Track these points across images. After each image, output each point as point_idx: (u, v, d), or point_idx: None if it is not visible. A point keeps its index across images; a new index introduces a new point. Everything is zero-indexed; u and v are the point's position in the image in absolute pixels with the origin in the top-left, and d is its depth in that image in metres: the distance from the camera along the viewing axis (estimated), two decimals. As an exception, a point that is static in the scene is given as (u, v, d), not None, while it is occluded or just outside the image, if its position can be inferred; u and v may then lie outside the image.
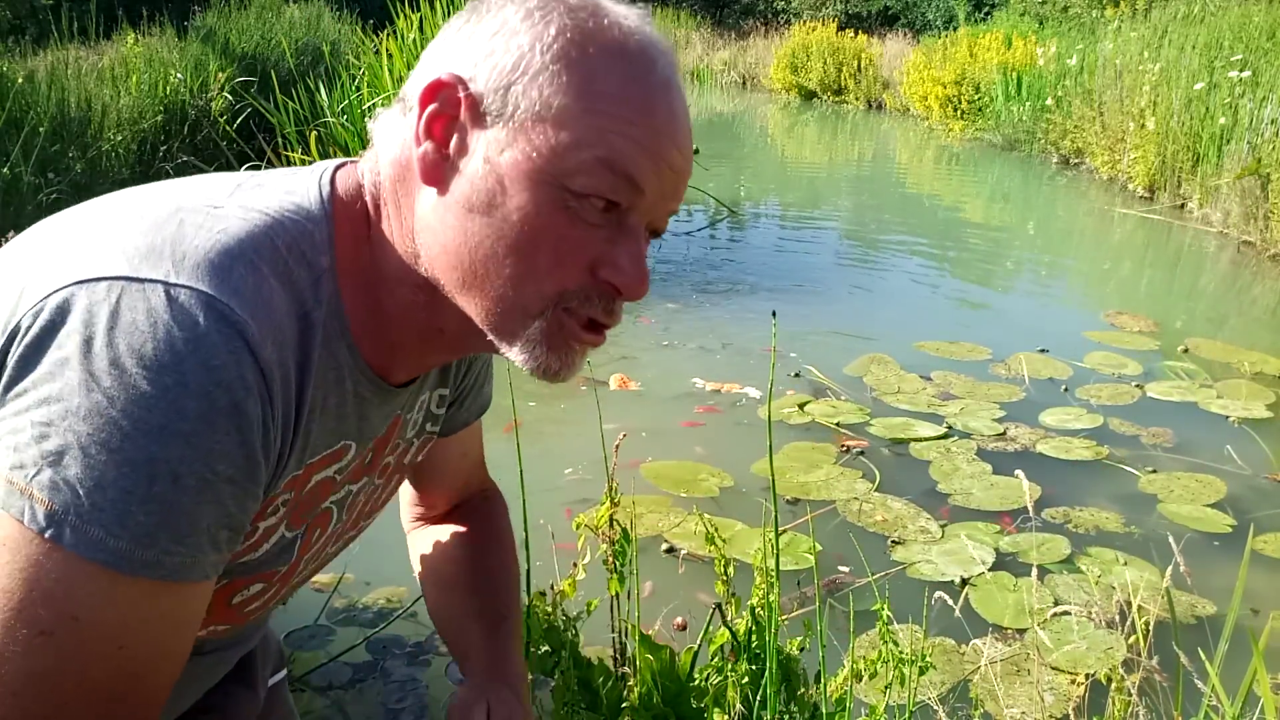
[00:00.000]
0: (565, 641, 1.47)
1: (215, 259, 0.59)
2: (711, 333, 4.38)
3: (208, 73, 6.13)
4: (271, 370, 0.59)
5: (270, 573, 0.73)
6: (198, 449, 0.55)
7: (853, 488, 2.96)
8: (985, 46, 11.29)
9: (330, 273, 0.66)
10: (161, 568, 0.56)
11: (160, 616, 0.58)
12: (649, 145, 0.64)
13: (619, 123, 0.63)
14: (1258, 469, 3.12)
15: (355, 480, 0.78)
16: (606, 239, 0.66)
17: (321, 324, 0.65)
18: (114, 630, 0.56)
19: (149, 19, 7.49)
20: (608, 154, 0.63)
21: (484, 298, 0.66)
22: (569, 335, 0.68)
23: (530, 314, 0.66)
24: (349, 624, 2.26)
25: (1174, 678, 1.37)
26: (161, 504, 0.55)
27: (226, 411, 0.56)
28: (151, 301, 0.56)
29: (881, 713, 1.38)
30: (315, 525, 0.76)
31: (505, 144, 0.64)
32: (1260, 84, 6.41)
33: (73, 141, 4.81)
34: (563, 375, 0.69)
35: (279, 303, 0.61)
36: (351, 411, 0.71)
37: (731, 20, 20.51)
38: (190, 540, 0.57)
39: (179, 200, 0.64)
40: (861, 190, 8.75)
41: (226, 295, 0.58)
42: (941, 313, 4.92)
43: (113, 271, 0.57)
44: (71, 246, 0.61)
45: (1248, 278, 5.58)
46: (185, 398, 0.55)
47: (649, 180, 0.65)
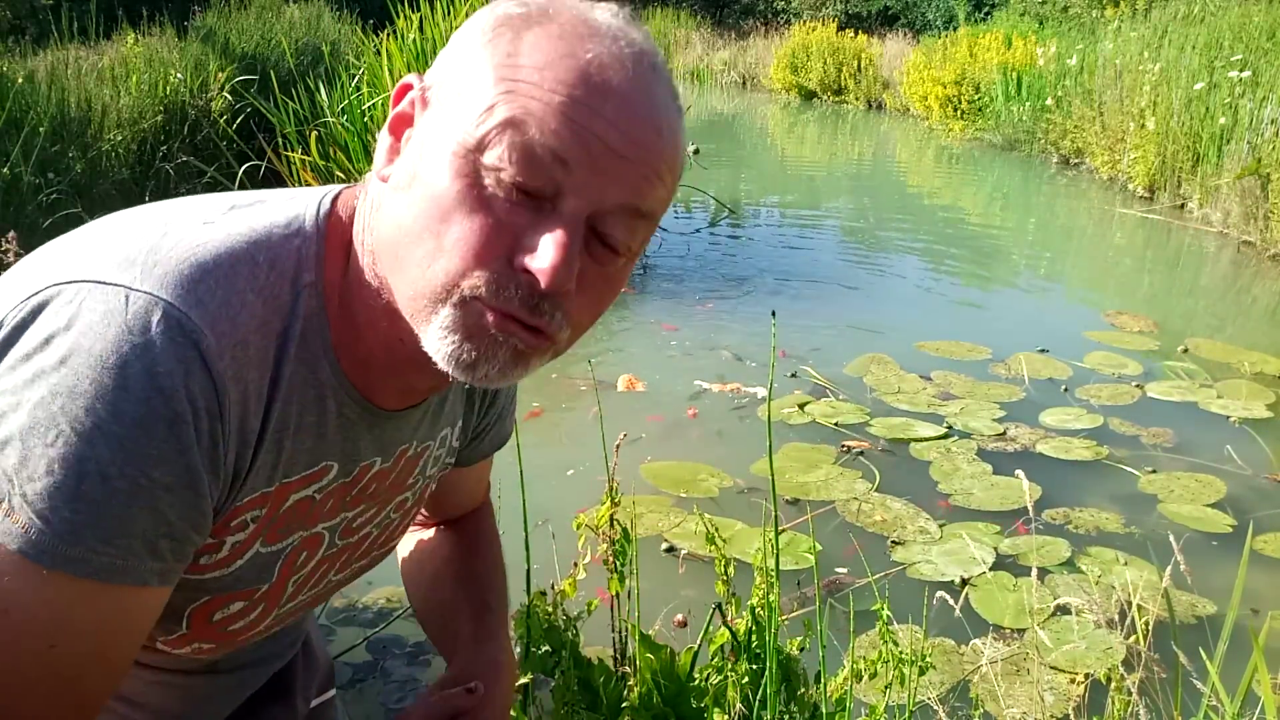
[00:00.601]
0: (565, 641, 1.47)
1: (185, 269, 0.59)
2: (712, 333, 4.38)
3: (208, 73, 6.13)
4: (224, 383, 0.59)
5: (249, 590, 0.72)
6: (130, 453, 0.55)
7: (852, 488, 2.96)
8: (985, 46, 11.29)
9: (314, 289, 0.65)
10: (87, 565, 0.56)
11: (92, 619, 0.58)
12: (570, 113, 0.58)
13: (534, 88, 0.58)
14: (1258, 469, 3.12)
15: (351, 507, 0.76)
16: (528, 225, 0.59)
17: (298, 341, 0.64)
18: (44, 627, 0.56)
19: (149, 19, 7.49)
20: (520, 117, 0.58)
21: (403, 281, 0.62)
22: (488, 324, 0.61)
23: (438, 297, 0.60)
24: (349, 624, 2.26)
25: (1174, 677, 1.37)
26: (89, 503, 0.55)
27: (166, 419, 0.56)
28: (110, 304, 0.56)
29: (881, 713, 1.38)
30: (302, 547, 0.74)
31: (431, 123, 0.62)
32: (1260, 84, 6.41)
33: (73, 141, 4.81)
34: (482, 370, 0.62)
35: (248, 317, 0.61)
36: (334, 432, 0.69)
37: (731, 20, 20.51)
38: (120, 543, 0.56)
39: (172, 215, 0.64)
40: (861, 190, 8.75)
41: (187, 305, 0.57)
42: (942, 313, 4.93)
43: (85, 276, 0.58)
44: (61, 256, 0.62)
45: (1248, 278, 5.58)
46: (124, 401, 0.55)
47: (571, 151, 0.58)
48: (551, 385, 3.65)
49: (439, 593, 0.99)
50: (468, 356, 0.61)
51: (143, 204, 0.70)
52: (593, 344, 4.26)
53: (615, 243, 0.62)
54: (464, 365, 0.62)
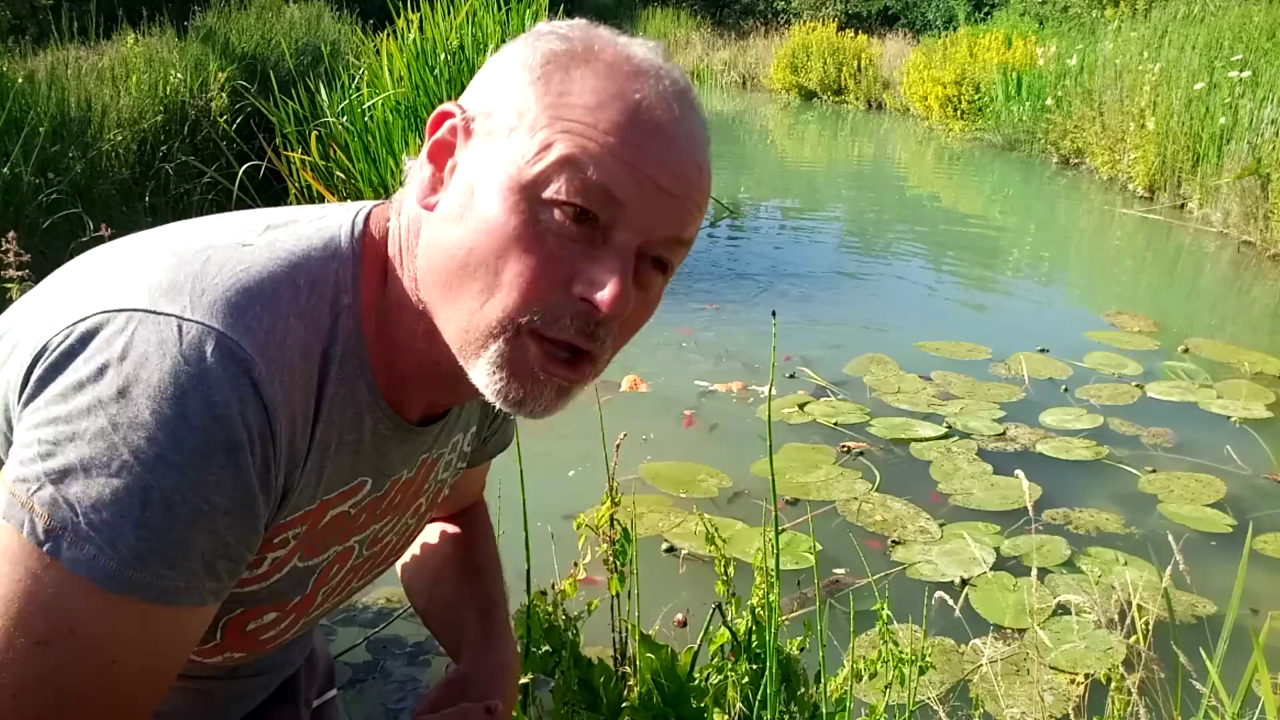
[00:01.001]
0: (565, 641, 1.47)
1: (232, 296, 0.60)
2: (713, 333, 4.38)
3: (208, 73, 6.13)
4: (276, 409, 0.60)
5: (283, 602, 0.74)
6: (192, 480, 0.57)
7: (852, 488, 2.96)
8: (985, 46, 11.29)
9: (352, 310, 0.66)
10: (151, 590, 0.58)
11: (152, 637, 0.60)
12: (624, 156, 0.61)
13: (590, 129, 0.62)
14: (1258, 469, 3.12)
15: (380, 519, 0.78)
16: (583, 254, 0.62)
17: (339, 362, 0.65)
18: (106, 645, 0.58)
19: (149, 19, 7.48)
20: (576, 156, 0.61)
21: (455, 313, 0.64)
22: (533, 363, 0.64)
23: (492, 332, 0.63)
24: (349, 624, 2.25)
25: (1174, 677, 1.37)
26: (153, 530, 0.57)
27: (224, 446, 0.58)
28: (164, 334, 0.58)
29: (881, 712, 1.38)
30: (336, 561, 0.76)
31: (482, 157, 0.64)
32: (1260, 84, 6.40)
33: (73, 141, 4.80)
34: (529, 407, 0.65)
35: (294, 341, 0.62)
36: (369, 449, 0.71)
37: (731, 20, 20.50)
38: (183, 566, 0.58)
39: (210, 237, 0.65)
40: (862, 191, 8.75)
41: (238, 333, 0.59)
42: (942, 313, 4.93)
43: (134, 304, 0.59)
44: (102, 278, 0.63)
45: (1248, 278, 5.58)
46: (184, 430, 0.56)
47: (626, 191, 0.61)
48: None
49: (441, 588, 1.00)
50: (515, 394, 0.65)
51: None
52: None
53: (661, 267, 0.67)
54: (512, 402, 0.65)
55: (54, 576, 0.56)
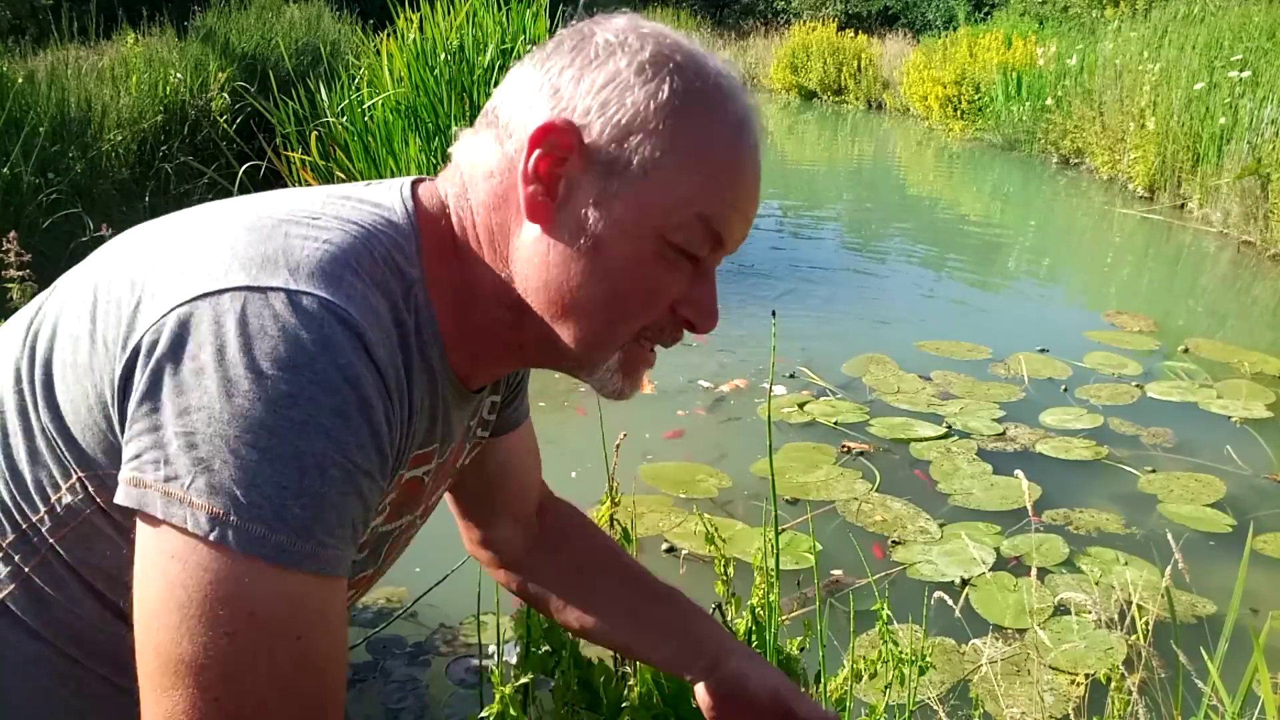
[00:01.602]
0: (565, 641, 1.47)
1: (327, 267, 0.62)
2: (712, 333, 4.37)
3: (208, 73, 6.13)
4: (387, 370, 0.62)
5: (362, 578, 0.77)
6: (338, 442, 0.58)
7: (852, 488, 2.96)
8: (985, 46, 11.29)
9: (420, 283, 0.68)
10: (318, 560, 0.58)
11: (324, 608, 0.60)
12: (740, 206, 0.72)
13: (720, 186, 0.70)
14: (1258, 469, 3.12)
15: (438, 488, 0.82)
16: (687, 280, 0.72)
17: (414, 331, 0.67)
18: (289, 621, 0.58)
19: (149, 19, 7.49)
20: (708, 213, 0.69)
21: (577, 328, 0.71)
22: (639, 362, 0.75)
23: (617, 345, 0.73)
24: (349, 624, 2.25)
25: (1174, 677, 1.37)
26: (313, 497, 0.57)
27: (358, 406, 0.59)
28: (276, 308, 0.58)
29: (881, 712, 1.38)
30: (405, 530, 0.80)
31: (615, 195, 0.68)
32: (1260, 84, 6.41)
33: (73, 141, 4.80)
34: (629, 395, 0.77)
35: (383, 310, 0.64)
36: (440, 415, 0.74)
37: (731, 20, 20.50)
38: (340, 532, 0.59)
39: (276, 213, 0.66)
40: (862, 190, 8.75)
41: (342, 300, 0.60)
42: (942, 312, 4.93)
43: (233, 283, 0.59)
44: (182, 261, 0.63)
45: (1248, 278, 5.58)
46: (321, 394, 0.57)
47: (732, 235, 0.72)
48: (556, 385, 3.65)
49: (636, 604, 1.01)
50: (627, 389, 0.76)
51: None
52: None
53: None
54: (616, 394, 0.76)
55: (226, 563, 0.56)
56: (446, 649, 2.17)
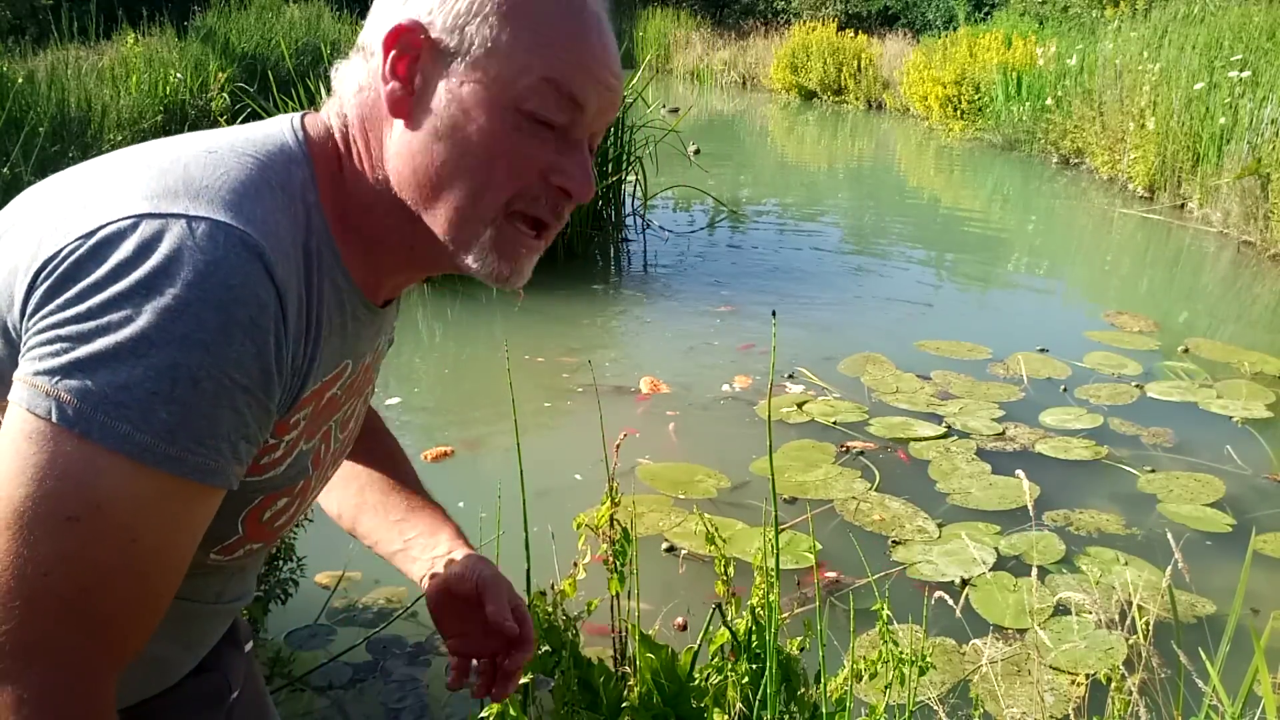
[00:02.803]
0: (565, 641, 1.47)
1: (227, 194, 0.66)
2: (712, 333, 4.38)
3: (207, 73, 6.13)
4: (287, 290, 0.66)
5: (290, 486, 0.80)
6: (216, 357, 0.62)
7: (851, 487, 2.96)
8: (985, 46, 11.29)
9: (317, 207, 0.73)
10: (183, 465, 0.62)
11: (175, 516, 0.64)
12: (587, 67, 0.74)
13: (560, 50, 0.73)
14: (1258, 469, 3.12)
15: (350, 401, 0.85)
16: (555, 150, 0.74)
17: (318, 253, 0.72)
18: (130, 520, 0.62)
19: (149, 19, 7.49)
20: (553, 75, 0.72)
21: (447, 209, 0.74)
22: (516, 241, 0.77)
23: (485, 221, 0.75)
24: (349, 624, 2.26)
25: (1175, 677, 1.37)
26: (183, 405, 0.61)
27: (244, 325, 0.63)
28: (174, 231, 0.62)
29: (881, 713, 1.38)
30: (323, 440, 0.82)
31: (464, 77, 0.73)
32: (1260, 84, 6.41)
33: (73, 142, 4.81)
34: (513, 281, 0.78)
35: (284, 233, 0.68)
36: (351, 333, 0.78)
37: (731, 20, 20.49)
38: (209, 443, 0.63)
39: (176, 152, 0.70)
40: (862, 190, 8.75)
41: (242, 223, 0.64)
42: (941, 312, 4.92)
43: (137, 210, 0.63)
44: (86, 197, 0.67)
45: (1248, 277, 5.58)
46: (206, 311, 0.61)
47: (589, 98, 0.74)
48: (558, 384, 3.65)
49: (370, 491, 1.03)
50: (505, 271, 0.77)
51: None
52: (596, 346, 4.26)
53: (593, 148, 0.79)
54: (501, 278, 0.77)
55: (85, 454, 0.60)
56: (446, 649, 2.17)
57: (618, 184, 5.77)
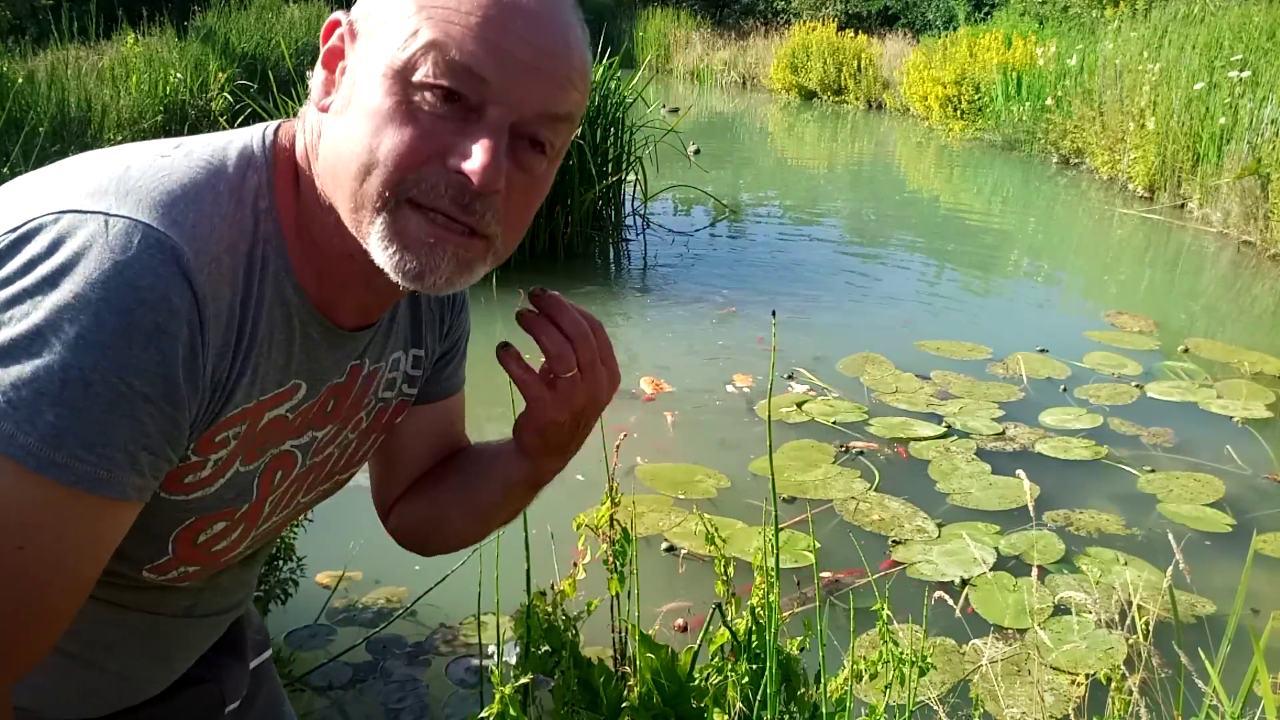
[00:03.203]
0: (565, 641, 1.47)
1: (157, 195, 0.63)
2: (712, 333, 4.38)
3: (207, 73, 6.14)
4: (205, 297, 0.62)
5: (230, 510, 0.75)
6: (112, 361, 0.58)
7: (850, 487, 2.96)
8: (985, 46, 11.28)
9: (269, 214, 0.69)
10: (70, 472, 0.58)
11: (66, 526, 0.60)
12: (486, 34, 0.65)
13: (453, 13, 0.65)
14: (1258, 469, 3.12)
15: (319, 426, 0.79)
16: (455, 130, 0.65)
17: (261, 263, 0.68)
18: (15, 527, 0.59)
19: (149, 19, 7.49)
20: (440, 39, 0.64)
21: (343, 196, 0.68)
22: (420, 230, 0.66)
23: (374, 206, 0.66)
24: (349, 624, 2.26)
25: (1175, 677, 1.37)
26: (72, 409, 0.57)
27: (147, 330, 0.59)
28: (90, 228, 0.60)
29: (881, 713, 1.38)
30: (276, 466, 0.77)
31: (361, 52, 0.68)
32: (1260, 84, 6.40)
33: (73, 141, 4.81)
34: (429, 280, 0.67)
35: (219, 238, 0.65)
36: (300, 351, 0.73)
37: (731, 20, 20.48)
38: (101, 451, 0.59)
39: (128, 154, 0.68)
40: (861, 190, 8.75)
41: (164, 225, 0.61)
42: (941, 312, 4.93)
43: (59, 207, 0.61)
44: (33, 191, 0.65)
45: (1248, 278, 5.58)
46: (106, 312, 0.58)
47: (489, 69, 0.65)
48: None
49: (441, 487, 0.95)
50: (412, 266, 0.67)
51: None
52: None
53: (540, 148, 0.69)
54: (411, 275, 0.67)
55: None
56: (446, 649, 2.17)
57: (618, 184, 5.77)
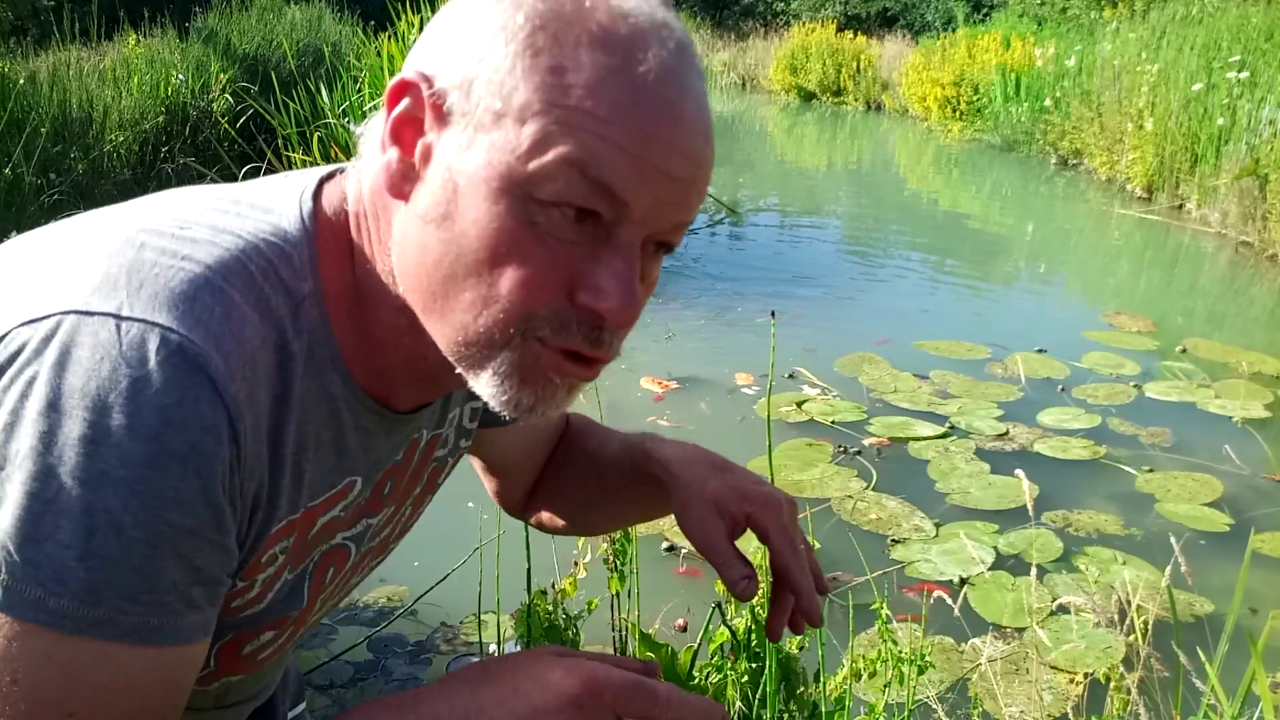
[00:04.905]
0: (566, 640, 1.48)
1: (177, 287, 0.53)
2: (711, 332, 4.39)
3: (209, 74, 6.15)
4: (240, 408, 0.53)
5: (281, 620, 0.68)
6: (144, 499, 0.49)
7: (847, 486, 2.97)
8: (984, 48, 11.30)
9: (314, 298, 0.59)
10: (115, 627, 0.50)
11: (123, 682, 0.52)
12: (631, 148, 0.54)
13: (592, 120, 0.53)
14: (1256, 468, 3.13)
15: (373, 514, 0.72)
16: (585, 256, 0.55)
17: (304, 355, 0.59)
18: (59, 694, 0.51)
19: (150, 20, 7.50)
20: (577, 154, 0.53)
21: (446, 324, 0.58)
22: (545, 367, 0.58)
23: (495, 344, 0.57)
24: (350, 623, 2.26)
25: (1174, 677, 1.38)
26: (105, 559, 0.49)
27: (181, 455, 0.50)
28: (100, 336, 0.50)
29: (880, 711, 1.39)
30: (327, 564, 0.70)
31: (464, 146, 0.55)
32: (1258, 84, 6.42)
33: (74, 142, 4.82)
34: (540, 411, 0.60)
35: (252, 334, 0.55)
36: (355, 445, 0.65)
37: (731, 21, 20.50)
38: (148, 599, 0.51)
39: (142, 222, 0.57)
40: (860, 191, 8.76)
41: (187, 327, 0.51)
42: (940, 312, 4.94)
43: (62, 307, 0.51)
44: (25, 281, 0.55)
45: (1246, 278, 5.59)
46: (130, 440, 0.49)
47: (634, 190, 0.54)
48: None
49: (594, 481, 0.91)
50: (527, 401, 0.59)
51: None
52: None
53: (664, 248, 0.61)
54: (524, 409, 0.59)
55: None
56: (447, 648, 2.18)
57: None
